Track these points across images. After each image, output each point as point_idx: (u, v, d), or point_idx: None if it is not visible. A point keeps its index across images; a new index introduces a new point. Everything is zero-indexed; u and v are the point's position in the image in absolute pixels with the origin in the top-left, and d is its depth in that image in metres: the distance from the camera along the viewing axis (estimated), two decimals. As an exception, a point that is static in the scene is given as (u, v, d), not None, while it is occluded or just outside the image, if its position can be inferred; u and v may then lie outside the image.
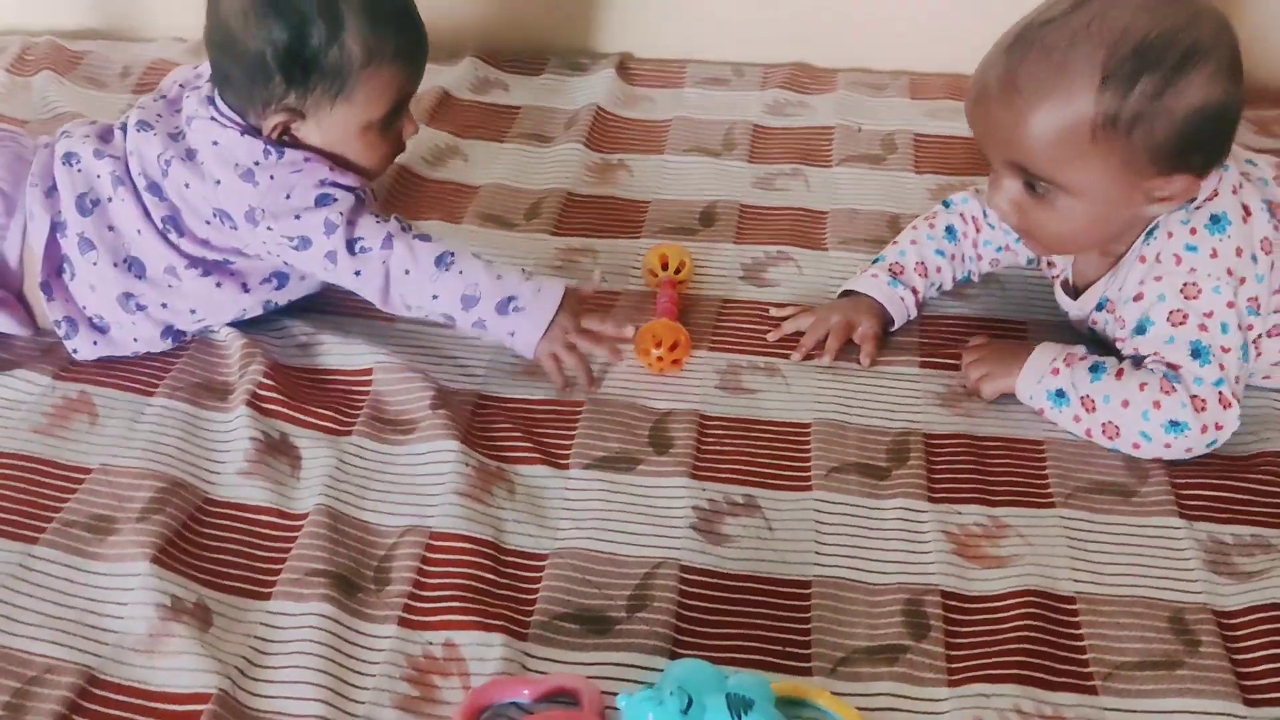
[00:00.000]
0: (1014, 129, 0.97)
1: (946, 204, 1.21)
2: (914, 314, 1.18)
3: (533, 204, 1.37)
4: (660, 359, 1.10)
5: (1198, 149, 0.97)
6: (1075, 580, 0.93)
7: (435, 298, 1.07)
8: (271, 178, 1.07)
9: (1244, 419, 1.05)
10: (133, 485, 0.98)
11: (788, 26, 1.67)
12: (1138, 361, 1.03)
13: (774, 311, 1.20)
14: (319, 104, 1.07)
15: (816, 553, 0.95)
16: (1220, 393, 0.99)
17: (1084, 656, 0.87)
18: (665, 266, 1.20)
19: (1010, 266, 1.22)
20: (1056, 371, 1.05)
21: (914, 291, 1.17)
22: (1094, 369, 1.03)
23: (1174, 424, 1.00)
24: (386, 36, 1.07)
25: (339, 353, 1.13)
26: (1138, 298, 1.03)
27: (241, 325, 1.14)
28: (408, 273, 1.07)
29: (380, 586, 0.92)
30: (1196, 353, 1.00)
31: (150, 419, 1.05)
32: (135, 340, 1.12)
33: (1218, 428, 1.00)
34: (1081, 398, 1.03)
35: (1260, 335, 1.04)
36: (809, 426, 1.07)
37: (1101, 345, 1.10)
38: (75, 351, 1.10)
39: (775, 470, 1.03)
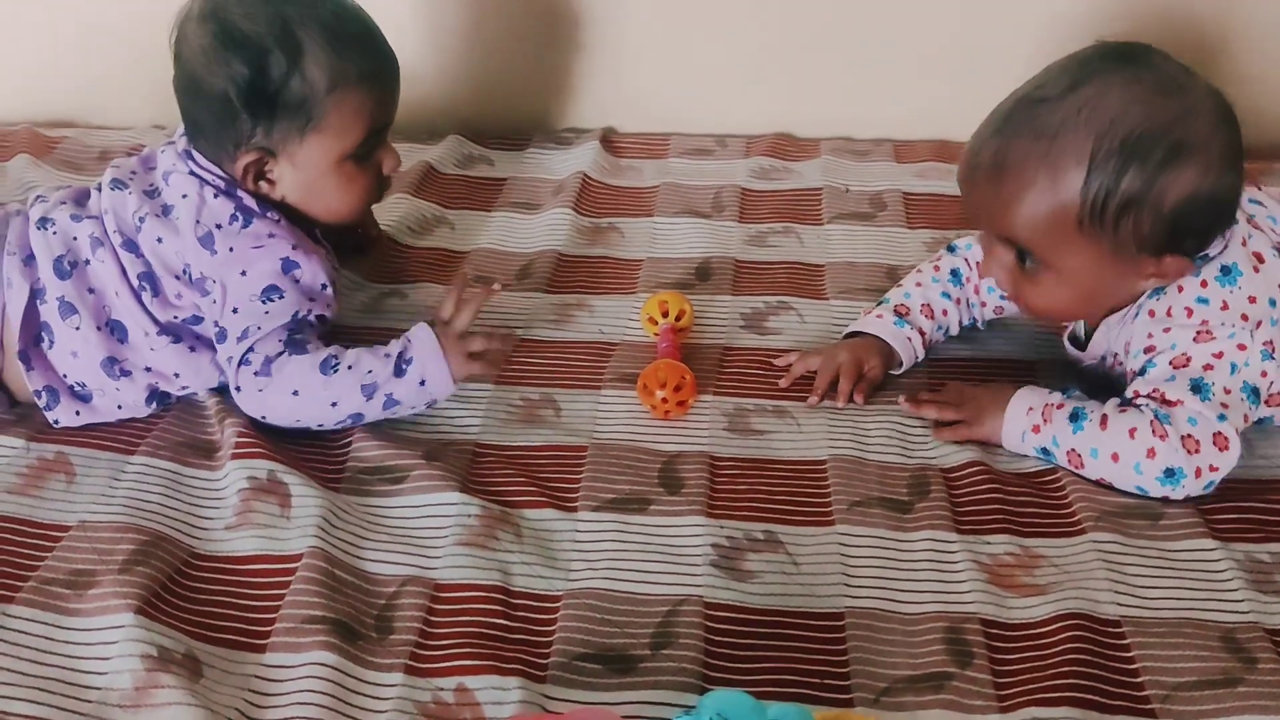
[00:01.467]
0: (1002, 209, 0.97)
1: (952, 248, 1.19)
2: (921, 356, 1.15)
3: (524, 265, 1.34)
4: (665, 400, 1.06)
5: (1189, 235, 0.96)
6: (1118, 604, 0.88)
7: (335, 404, 1.02)
8: (231, 249, 1.04)
9: (1264, 443, 1.04)
10: (114, 539, 0.91)
11: (768, 100, 1.68)
12: (1124, 404, 0.99)
13: (778, 362, 1.16)
14: (288, 138, 1.05)
15: (846, 584, 0.90)
16: (1218, 432, 0.95)
17: (1138, 680, 0.82)
18: (665, 314, 1.17)
19: (1015, 315, 1.18)
20: (1037, 429, 1.01)
21: (921, 333, 1.14)
22: (1074, 417, 0.99)
23: (1169, 473, 0.95)
24: (349, 60, 1.05)
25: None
26: (1149, 350, 1.00)
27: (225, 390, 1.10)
28: (296, 394, 1.01)
29: (383, 635, 0.85)
30: (1197, 388, 0.96)
31: (131, 476, 0.99)
32: (120, 408, 1.06)
33: (1212, 470, 0.96)
34: (1067, 453, 0.99)
35: (1274, 382, 1.00)
36: (825, 463, 1.03)
37: (1111, 384, 1.07)
38: (56, 422, 1.04)
39: (794, 506, 0.98)
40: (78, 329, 1.04)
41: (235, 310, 1.03)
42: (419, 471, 1.00)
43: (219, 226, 1.04)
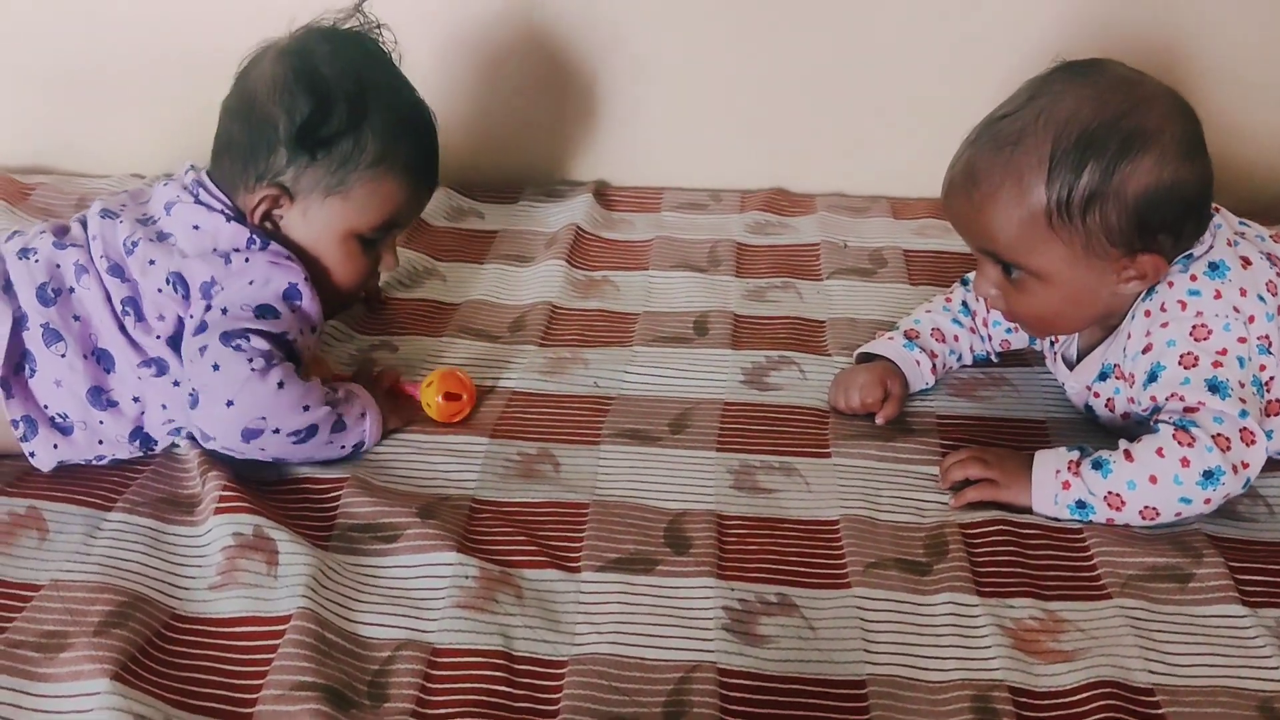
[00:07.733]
0: (977, 221, 1.00)
1: (964, 281, 1.20)
2: (930, 381, 1.16)
3: (516, 318, 1.30)
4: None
5: (1162, 229, 0.97)
6: (1150, 672, 0.84)
7: (307, 408, 0.99)
8: (246, 261, 1.02)
9: (1289, 505, 1.01)
10: (89, 599, 0.86)
11: (762, 155, 1.66)
12: (1141, 421, 0.99)
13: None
14: (312, 190, 1.03)
15: (865, 650, 0.86)
16: (1244, 428, 0.94)
17: (1177, 751, 0.78)
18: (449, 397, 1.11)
19: (1023, 347, 1.21)
20: (1068, 485, 0.98)
21: (931, 356, 1.15)
22: (1098, 465, 0.97)
23: (1208, 475, 0.94)
24: (404, 144, 1.05)
25: (313, 464, 1.04)
26: (1146, 349, 1.00)
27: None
28: (281, 385, 0.97)
29: (377, 703, 0.80)
30: (1215, 388, 0.96)
31: (108, 533, 0.94)
32: (100, 443, 1.01)
33: (1245, 466, 0.95)
34: (1105, 497, 0.97)
35: (1273, 377, 1.01)
36: (837, 524, 0.99)
37: (1096, 427, 1.08)
38: (32, 455, 1.00)
39: (808, 568, 0.94)
40: (63, 356, 0.99)
41: (225, 311, 0.99)
42: (413, 530, 0.95)
43: (236, 250, 1.02)
